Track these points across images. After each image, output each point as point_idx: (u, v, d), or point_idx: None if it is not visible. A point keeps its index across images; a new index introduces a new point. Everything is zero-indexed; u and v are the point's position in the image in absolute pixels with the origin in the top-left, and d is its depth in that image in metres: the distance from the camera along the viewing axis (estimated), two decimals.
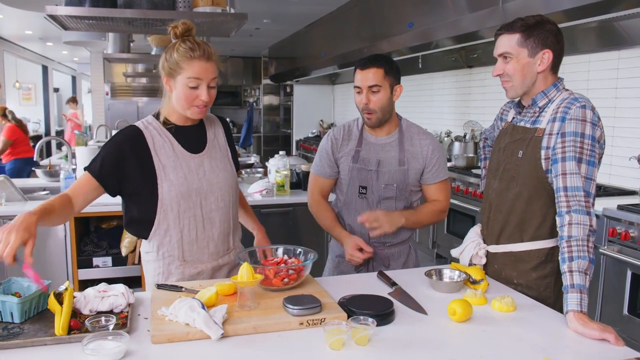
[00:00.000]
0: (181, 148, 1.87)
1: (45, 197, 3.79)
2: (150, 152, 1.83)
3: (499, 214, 1.89)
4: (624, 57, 3.75)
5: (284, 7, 7.05)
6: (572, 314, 1.49)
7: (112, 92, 11.12)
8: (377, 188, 2.19)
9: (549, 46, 1.73)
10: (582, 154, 1.63)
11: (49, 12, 2.90)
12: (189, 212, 1.85)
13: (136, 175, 1.81)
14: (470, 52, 5.38)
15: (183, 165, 1.85)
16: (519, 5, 3.56)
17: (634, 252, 2.90)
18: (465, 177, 4.67)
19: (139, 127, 1.86)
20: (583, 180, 1.62)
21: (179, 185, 1.83)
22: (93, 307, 1.53)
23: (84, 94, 17.73)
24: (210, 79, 1.80)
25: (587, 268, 1.54)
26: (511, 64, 1.76)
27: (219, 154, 1.96)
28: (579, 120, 1.65)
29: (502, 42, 1.77)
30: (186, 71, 1.77)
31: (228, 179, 1.95)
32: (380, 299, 1.64)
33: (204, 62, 1.78)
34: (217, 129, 2.01)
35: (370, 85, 2.11)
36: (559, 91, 1.78)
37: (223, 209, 1.93)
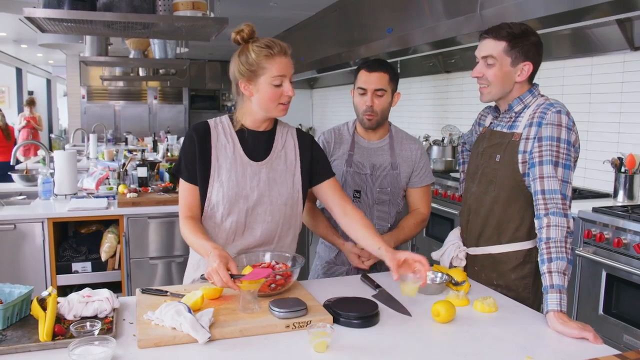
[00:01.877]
0: (242, 152, 1.85)
1: (22, 201, 3.74)
2: (211, 150, 1.83)
3: (478, 217, 1.93)
4: (597, 64, 3.85)
5: (264, 12, 7.06)
6: (553, 313, 1.53)
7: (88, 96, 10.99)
8: (372, 192, 2.21)
9: (530, 59, 1.78)
10: (558, 157, 1.68)
11: (27, 14, 2.86)
12: (233, 216, 1.84)
13: (198, 166, 1.83)
14: (447, 58, 5.46)
15: (238, 169, 1.83)
16: (496, 13, 3.63)
17: (608, 254, 2.97)
18: (444, 181, 4.73)
19: (209, 123, 1.88)
20: (560, 183, 1.67)
21: (228, 188, 1.81)
22: (77, 313, 1.52)
23: (60, 97, 17.47)
24: (291, 73, 1.82)
25: (565, 269, 1.60)
26: (493, 70, 1.80)
27: (283, 166, 1.88)
28: (555, 125, 1.70)
29: (488, 45, 1.80)
30: (269, 70, 1.76)
31: (283, 195, 1.87)
32: (365, 301, 1.66)
33: (284, 58, 1.79)
34: (288, 141, 1.93)
35: (376, 88, 2.16)
36: (534, 97, 1.83)
37: (269, 224, 1.87)
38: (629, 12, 3.01)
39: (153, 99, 11.42)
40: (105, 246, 3.36)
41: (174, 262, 3.46)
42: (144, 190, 3.67)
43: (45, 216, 3.19)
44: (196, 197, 1.84)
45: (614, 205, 3.20)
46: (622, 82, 3.67)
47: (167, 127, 10.58)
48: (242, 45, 1.81)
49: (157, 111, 11.42)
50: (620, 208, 3.08)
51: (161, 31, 3.51)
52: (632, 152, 3.45)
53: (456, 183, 4.56)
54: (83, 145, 7.53)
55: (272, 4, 6.58)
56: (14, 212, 3.22)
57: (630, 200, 3.41)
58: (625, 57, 3.62)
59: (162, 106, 11.45)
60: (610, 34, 3.51)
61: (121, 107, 11.16)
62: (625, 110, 3.66)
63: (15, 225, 3.14)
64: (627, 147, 3.60)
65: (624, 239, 2.88)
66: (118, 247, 3.39)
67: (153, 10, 3.07)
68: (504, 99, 1.86)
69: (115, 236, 3.40)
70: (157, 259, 3.44)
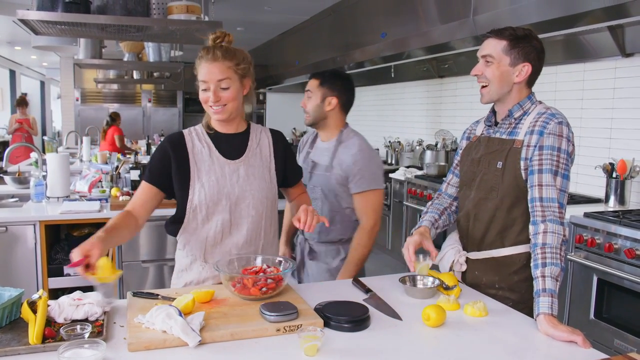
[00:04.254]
0: (218, 153, 1.91)
1: (14, 204, 3.72)
2: (188, 155, 1.89)
3: (479, 223, 1.93)
4: (589, 70, 3.88)
5: (258, 16, 7.07)
6: (543, 316, 1.55)
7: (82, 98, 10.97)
8: (309, 188, 2.40)
9: (530, 60, 1.80)
10: (558, 167, 1.72)
11: (20, 16, 2.85)
12: (218, 215, 1.88)
13: (176, 175, 1.88)
14: (441, 63, 5.48)
15: (217, 170, 1.89)
16: (489, 18, 3.65)
17: (599, 258, 2.99)
18: (437, 185, 4.75)
19: (183, 132, 1.95)
20: (558, 192, 1.71)
21: (209, 188, 1.86)
22: (68, 316, 1.51)
23: (53, 99, 17.42)
24: (216, 80, 1.81)
25: (558, 275, 1.63)
26: (491, 69, 1.82)
27: (259, 162, 1.95)
28: (557, 135, 1.73)
29: (489, 45, 1.82)
30: (199, 75, 1.84)
31: (263, 189, 1.93)
32: (355, 305, 1.66)
33: (209, 64, 1.80)
34: (262, 139, 2.00)
35: (306, 89, 2.45)
36: (533, 104, 1.85)
37: (254, 217, 1.92)
38: (620, 19, 3.04)
39: (147, 102, 11.42)
40: None
41: (166, 265, 3.46)
42: None
43: (37, 219, 3.18)
44: (147, 197, 1.88)
45: (605, 211, 3.22)
46: (613, 88, 3.70)
47: (161, 130, 10.57)
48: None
49: (151, 114, 11.42)
50: (612, 213, 3.10)
51: (155, 34, 3.51)
52: (623, 157, 3.47)
53: None
54: (76, 147, 7.51)
55: (267, 7, 6.59)
56: (5, 214, 3.20)
57: (622, 205, 3.43)
58: (617, 64, 3.65)
59: (156, 109, 11.45)
60: (603, 40, 3.54)
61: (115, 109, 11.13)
62: (616, 116, 3.69)
63: (7, 228, 3.13)
64: (618, 152, 3.63)
65: (615, 244, 2.90)
66: (110, 250, 3.38)
67: (147, 13, 3.07)
68: (503, 103, 1.87)
69: None
70: (149, 262, 3.44)
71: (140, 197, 1.89)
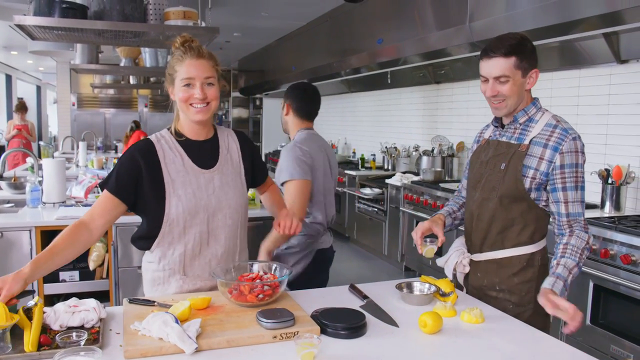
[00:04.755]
0: (191, 163, 1.85)
1: (9, 210, 3.71)
2: (161, 166, 1.81)
3: (481, 223, 1.96)
4: (584, 76, 3.90)
5: (255, 22, 7.09)
6: (543, 289, 1.69)
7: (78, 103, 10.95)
8: None
9: (535, 65, 1.85)
10: (577, 181, 1.82)
11: (17, 21, 2.86)
12: (195, 228, 1.83)
13: (146, 187, 1.79)
14: (437, 69, 5.50)
15: (192, 181, 1.83)
16: (485, 25, 3.67)
17: (596, 264, 2.99)
18: (433, 191, 4.75)
19: (152, 139, 1.86)
20: (582, 205, 1.83)
21: (187, 201, 1.80)
22: (63, 323, 1.51)
23: (50, 104, 17.39)
24: (203, 77, 1.78)
25: (572, 267, 1.74)
26: (508, 86, 1.82)
27: (231, 170, 1.92)
28: (574, 152, 1.81)
29: (498, 65, 1.81)
30: (180, 73, 1.78)
31: (238, 197, 1.91)
32: (352, 311, 1.66)
33: (194, 60, 1.77)
34: (230, 144, 1.97)
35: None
36: (538, 110, 1.89)
37: (231, 227, 1.90)
38: (616, 26, 3.06)
39: (144, 107, 11.40)
40: (93, 255, 3.34)
41: None
42: None
43: (33, 224, 3.17)
44: (108, 207, 1.78)
45: (601, 217, 3.23)
46: (608, 94, 3.71)
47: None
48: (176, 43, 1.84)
49: (147, 119, 11.40)
50: (607, 219, 3.11)
51: (152, 40, 3.52)
52: (618, 163, 3.49)
53: (445, 193, 4.58)
54: (72, 153, 7.49)
55: (264, 13, 6.61)
56: (1, 220, 3.19)
57: (617, 211, 3.44)
58: (612, 70, 3.67)
59: (152, 114, 11.43)
60: (598, 47, 3.56)
61: (111, 114, 11.13)
62: (612, 122, 3.70)
63: (2, 234, 3.12)
64: (613, 158, 3.64)
65: (611, 250, 2.91)
66: (106, 256, 3.37)
67: (144, 19, 3.08)
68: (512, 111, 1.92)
69: (103, 245, 3.38)
70: None
71: (100, 206, 1.78)
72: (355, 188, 6.35)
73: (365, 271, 5.66)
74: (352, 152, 8.01)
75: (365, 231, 6.23)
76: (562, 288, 1.69)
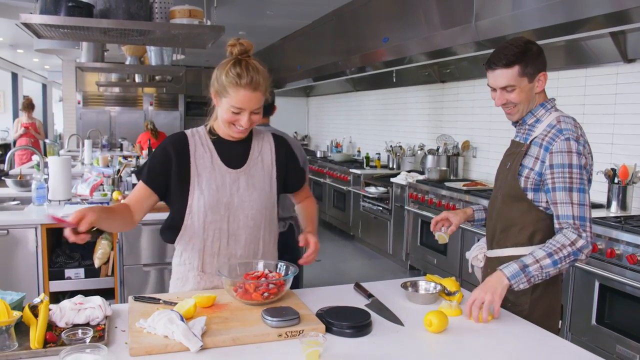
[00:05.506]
0: (219, 161, 1.87)
1: (15, 207, 3.72)
2: (190, 159, 1.85)
3: (490, 221, 2.05)
4: (591, 75, 3.88)
5: (260, 20, 7.09)
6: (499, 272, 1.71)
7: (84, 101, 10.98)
8: None
9: (542, 68, 1.85)
10: (572, 183, 1.76)
11: (24, 20, 2.85)
12: (215, 224, 1.85)
13: (174, 179, 1.84)
14: (443, 68, 5.49)
15: (218, 178, 1.85)
16: (491, 24, 3.66)
17: (601, 264, 2.98)
18: (438, 190, 4.74)
19: (187, 133, 1.91)
20: (577, 207, 1.75)
21: (209, 195, 1.83)
22: (69, 320, 1.51)
23: (55, 102, 17.44)
24: (253, 109, 1.78)
25: (541, 257, 1.70)
26: (515, 93, 1.84)
27: (260, 172, 1.92)
28: (565, 152, 1.76)
29: (502, 76, 1.83)
30: (231, 97, 1.76)
31: (263, 199, 1.91)
32: (357, 310, 1.66)
33: (250, 92, 1.74)
34: (264, 146, 1.97)
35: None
36: (547, 110, 1.89)
37: (252, 229, 1.90)
38: (623, 25, 3.04)
39: (149, 105, 11.42)
40: (98, 252, 3.35)
41: (167, 269, 3.45)
42: None
43: (38, 222, 3.18)
44: (143, 196, 1.85)
45: (607, 216, 3.22)
46: (615, 93, 3.70)
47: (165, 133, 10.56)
48: (229, 59, 1.79)
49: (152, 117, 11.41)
50: (614, 219, 3.10)
51: (157, 38, 3.51)
52: (625, 163, 3.47)
53: (450, 192, 4.57)
54: (78, 150, 7.51)
55: (269, 12, 6.60)
56: (7, 217, 3.20)
57: (624, 211, 3.43)
58: (618, 69, 3.65)
59: (157, 112, 11.45)
60: (604, 46, 3.54)
61: (117, 113, 11.15)
62: (618, 122, 3.68)
63: (8, 231, 3.13)
64: (620, 158, 3.62)
65: (617, 250, 2.89)
66: (111, 254, 3.38)
67: (149, 17, 3.08)
68: None
69: (108, 242, 3.39)
70: (151, 265, 3.43)
71: (135, 194, 1.86)
72: (360, 187, 6.35)
73: (370, 270, 5.66)
74: (357, 150, 8.00)
75: (370, 230, 6.22)
76: (516, 271, 1.69)
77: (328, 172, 7.41)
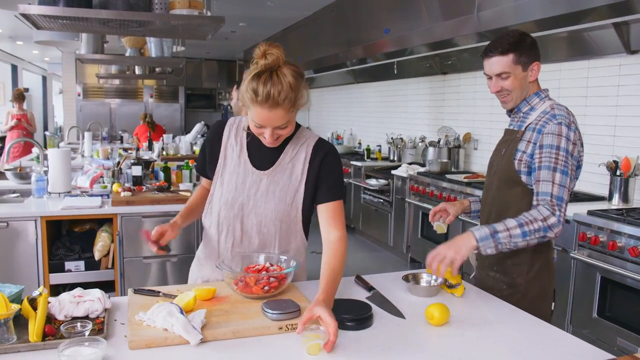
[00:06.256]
0: (247, 157, 1.80)
1: (15, 199, 3.71)
2: (221, 147, 1.84)
3: (486, 206, 2.10)
4: (593, 67, 3.85)
5: (261, 11, 7.05)
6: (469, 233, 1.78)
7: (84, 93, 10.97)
8: None
9: (535, 58, 1.92)
10: (557, 164, 1.81)
11: (22, 10, 2.83)
12: (228, 221, 1.82)
13: (209, 161, 1.88)
14: (444, 59, 5.46)
15: (240, 174, 1.80)
16: (493, 15, 3.63)
17: (603, 257, 2.97)
18: (439, 182, 4.73)
19: (229, 121, 1.89)
20: (557, 187, 1.79)
21: (227, 191, 1.81)
22: (68, 313, 1.50)
23: (55, 94, 17.40)
24: (275, 126, 1.63)
25: (512, 227, 1.75)
26: (509, 81, 1.92)
27: (286, 180, 1.78)
28: (555, 135, 1.83)
29: (498, 63, 1.90)
30: (252, 112, 1.63)
31: (279, 212, 1.78)
32: (358, 303, 1.65)
33: (267, 111, 1.58)
34: (299, 153, 1.79)
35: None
36: (541, 99, 1.96)
37: (266, 236, 1.82)
38: (626, 16, 3.01)
39: (149, 98, 11.41)
40: (98, 245, 3.34)
41: (168, 262, 3.45)
42: (139, 189, 3.65)
43: (38, 214, 3.17)
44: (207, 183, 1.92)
45: (609, 209, 3.21)
46: (618, 85, 3.67)
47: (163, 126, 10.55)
48: (253, 70, 1.60)
49: (153, 109, 11.40)
50: (615, 211, 3.08)
51: (157, 29, 3.49)
52: (627, 155, 3.45)
53: (451, 184, 4.56)
54: (78, 143, 7.50)
55: (269, 3, 6.57)
56: (6, 210, 3.20)
57: (625, 203, 3.42)
58: (621, 61, 3.63)
59: (158, 105, 11.44)
60: (607, 37, 3.52)
61: (117, 105, 11.14)
62: (620, 114, 3.66)
63: (8, 224, 3.12)
64: (622, 150, 3.61)
65: (619, 242, 2.88)
66: (112, 246, 3.37)
67: (149, 8, 3.05)
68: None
69: (109, 235, 3.38)
70: (151, 258, 3.43)
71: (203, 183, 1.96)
72: (360, 179, 6.33)
73: (370, 262, 5.65)
74: (358, 142, 7.98)
75: (371, 222, 6.22)
76: (486, 235, 1.74)
77: None
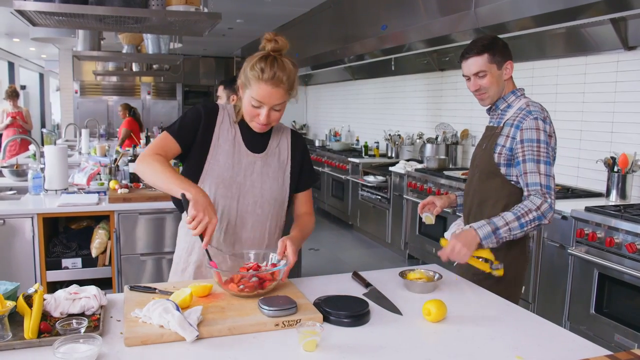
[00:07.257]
0: (241, 140, 1.90)
1: (12, 197, 3.70)
2: (215, 128, 1.88)
3: (468, 198, 2.25)
4: (591, 63, 3.85)
5: (258, 8, 7.03)
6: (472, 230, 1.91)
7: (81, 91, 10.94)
8: None
9: (508, 57, 2.10)
10: (539, 156, 1.99)
11: (17, 7, 2.81)
12: (225, 200, 1.86)
13: (199, 139, 1.86)
14: (442, 55, 5.45)
15: (236, 155, 1.88)
16: (490, 11, 3.62)
17: (600, 253, 2.97)
18: (437, 179, 4.73)
19: (219, 105, 1.94)
20: (544, 177, 1.97)
21: (224, 168, 1.85)
22: (64, 310, 1.49)
23: (52, 91, 17.36)
24: (273, 104, 1.78)
25: (510, 220, 1.92)
26: (486, 79, 2.09)
27: (276, 164, 1.94)
28: (534, 129, 2.00)
29: (475, 63, 2.08)
30: (252, 90, 1.77)
31: (274, 191, 1.92)
32: (355, 299, 1.65)
33: (270, 87, 1.74)
34: (282, 140, 1.98)
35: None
36: (517, 97, 2.13)
37: (260, 217, 1.91)
38: (623, 12, 3.01)
39: (146, 95, 11.38)
40: (95, 242, 3.33)
41: (164, 259, 3.44)
42: (135, 186, 3.64)
43: (35, 211, 3.16)
44: (172, 149, 1.84)
45: (606, 205, 3.21)
46: (615, 81, 3.67)
47: (160, 123, 10.53)
48: (259, 53, 1.79)
49: (150, 107, 11.38)
50: (613, 207, 3.09)
51: (154, 26, 3.47)
52: (625, 151, 3.45)
53: (449, 181, 4.56)
54: (75, 140, 7.48)
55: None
56: (3, 207, 3.18)
57: (623, 199, 3.42)
58: (619, 57, 3.62)
59: (155, 102, 11.41)
60: (605, 33, 3.51)
61: (114, 102, 11.10)
62: (618, 110, 3.66)
63: (4, 221, 3.11)
64: (620, 146, 3.61)
65: (616, 239, 2.88)
66: (108, 243, 3.37)
67: (145, 4, 3.04)
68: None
69: (106, 232, 3.37)
70: (147, 255, 3.42)
71: (158, 144, 1.84)
72: (358, 176, 6.33)
73: (368, 259, 5.66)
74: (356, 139, 7.97)
75: (369, 219, 6.21)
76: (489, 233, 1.90)
77: (326, 161, 7.39)
